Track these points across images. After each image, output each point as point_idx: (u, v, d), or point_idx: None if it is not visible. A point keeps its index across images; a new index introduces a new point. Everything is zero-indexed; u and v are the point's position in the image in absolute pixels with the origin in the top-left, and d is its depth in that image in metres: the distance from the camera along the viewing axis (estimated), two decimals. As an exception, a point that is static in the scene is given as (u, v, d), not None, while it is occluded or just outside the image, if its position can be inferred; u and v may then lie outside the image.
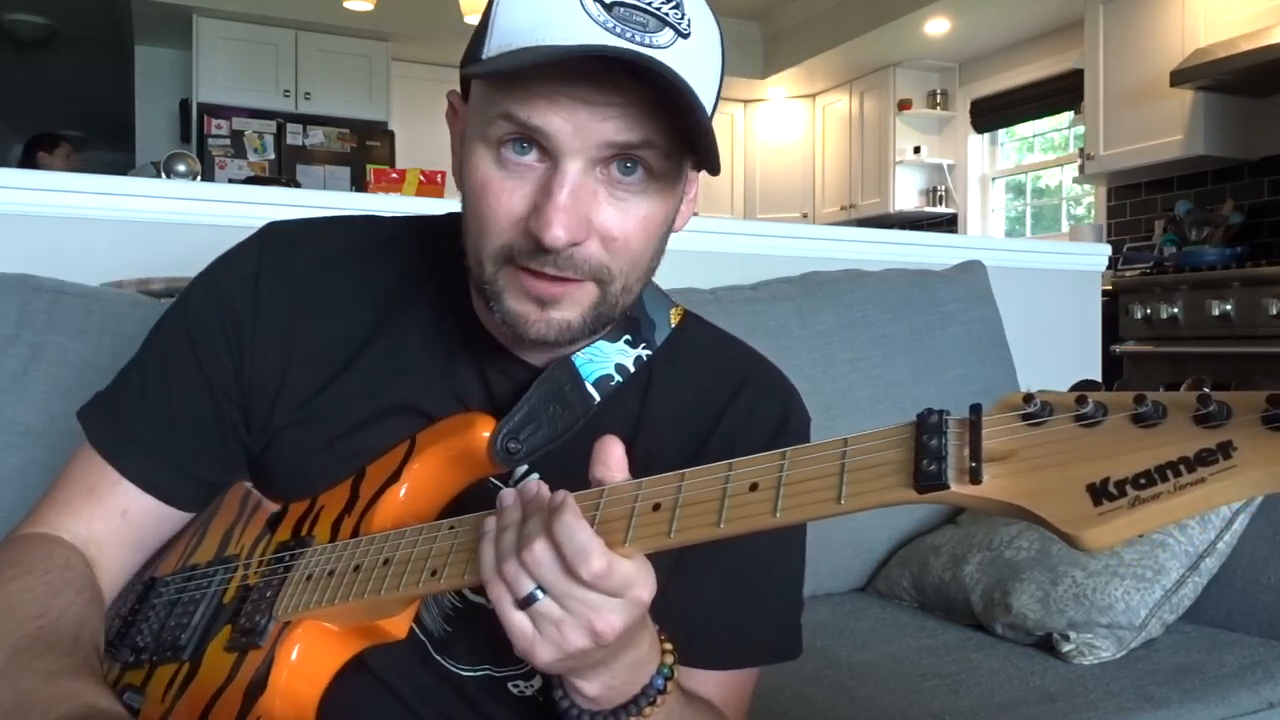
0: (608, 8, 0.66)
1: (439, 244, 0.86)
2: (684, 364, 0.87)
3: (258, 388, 0.83)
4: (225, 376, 0.83)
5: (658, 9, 0.67)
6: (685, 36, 0.68)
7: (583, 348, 0.82)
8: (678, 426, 0.84)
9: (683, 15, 0.69)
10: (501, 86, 0.68)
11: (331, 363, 0.83)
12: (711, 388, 0.87)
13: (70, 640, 0.72)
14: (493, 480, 0.81)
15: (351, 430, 0.82)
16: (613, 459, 0.65)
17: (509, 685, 0.83)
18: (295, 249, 0.85)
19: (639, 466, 0.66)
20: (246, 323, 0.82)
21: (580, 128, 0.67)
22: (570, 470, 0.71)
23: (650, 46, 0.66)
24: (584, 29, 0.65)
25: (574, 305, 0.73)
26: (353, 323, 0.84)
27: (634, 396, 0.85)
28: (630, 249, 0.72)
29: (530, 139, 0.69)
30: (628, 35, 0.66)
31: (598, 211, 0.70)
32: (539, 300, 0.72)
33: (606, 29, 0.65)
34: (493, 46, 0.69)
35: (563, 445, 0.80)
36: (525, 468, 0.82)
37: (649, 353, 0.85)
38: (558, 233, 0.67)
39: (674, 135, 0.69)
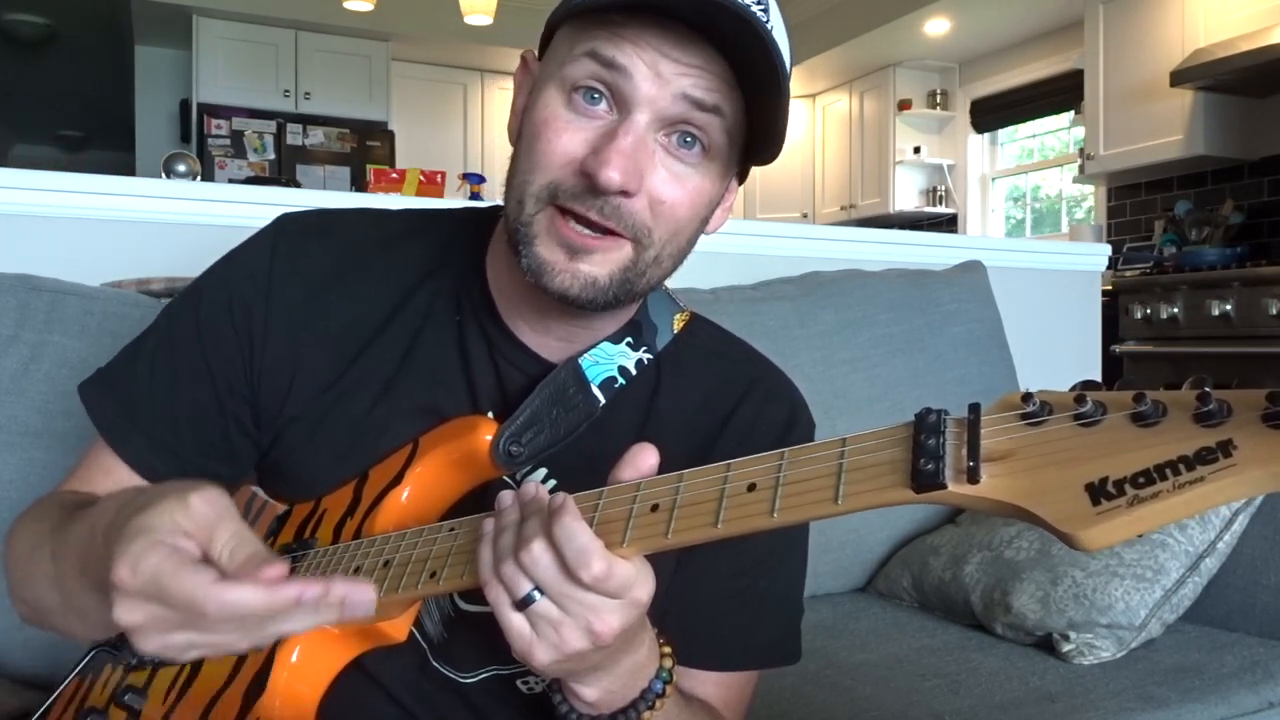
0: None
1: (455, 236, 0.86)
2: (691, 367, 0.87)
3: (268, 381, 0.83)
4: (233, 372, 0.83)
5: (746, 3, 0.69)
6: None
7: (590, 348, 0.82)
8: (684, 429, 0.84)
9: (768, 16, 0.71)
10: (592, 25, 0.70)
11: (343, 355, 0.83)
12: (718, 391, 0.87)
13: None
14: (506, 480, 0.81)
15: (362, 425, 0.82)
16: (642, 467, 0.64)
17: (518, 683, 0.83)
18: (309, 241, 0.85)
19: None
20: (258, 317, 0.82)
21: (660, 76, 0.69)
22: (578, 471, 0.70)
23: None
24: None
25: (605, 262, 0.73)
26: (365, 314, 0.83)
27: (641, 399, 0.85)
28: (676, 216, 0.74)
29: (605, 87, 0.70)
30: None
31: (652, 171, 0.71)
32: (570, 248, 0.72)
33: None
34: None
35: (569, 447, 0.79)
36: (540, 468, 0.82)
37: (650, 356, 0.85)
38: (613, 174, 0.68)
39: (738, 114, 0.72)
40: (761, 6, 0.71)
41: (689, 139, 0.72)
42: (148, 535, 0.59)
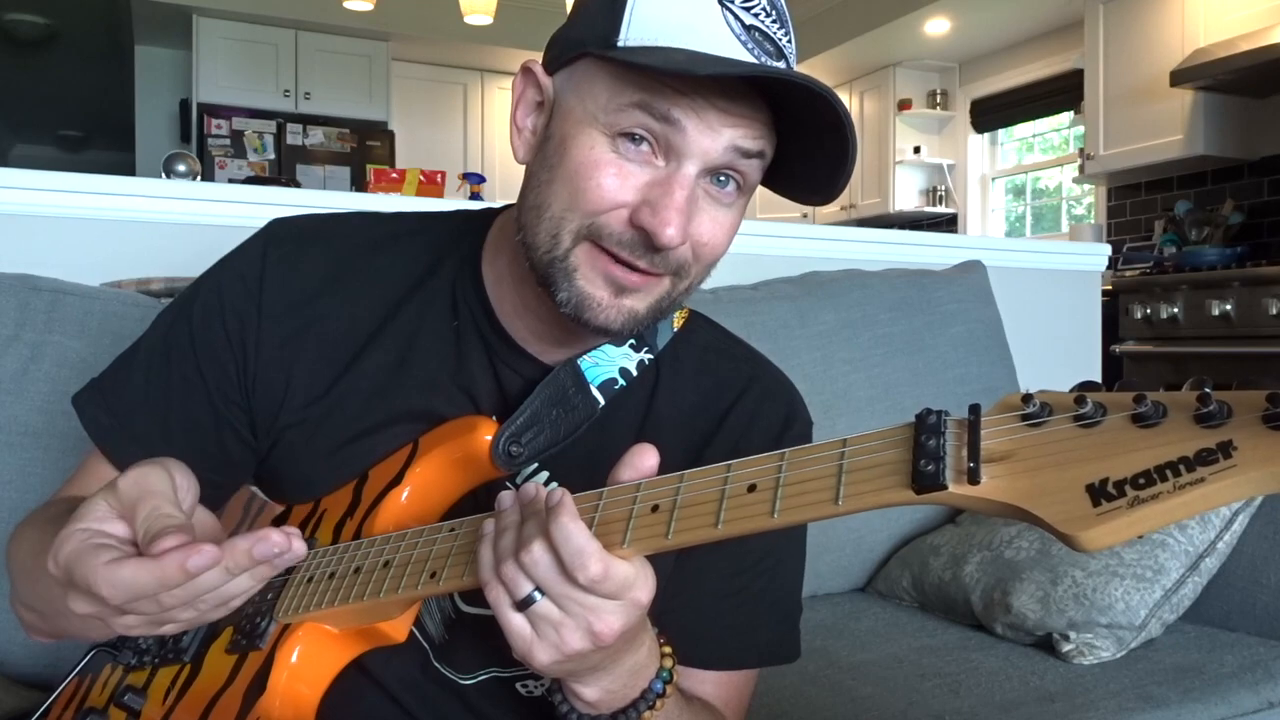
0: (747, 29, 0.70)
1: (450, 239, 0.86)
2: (689, 366, 0.87)
3: (263, 387, 0.82)
4: (226, 380, 0.82)
5: (780, 42, 0.72)
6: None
7: (590, 350, 0.82)
8: (682, 428, 0.85)
9: (793, 53, 0.73)
10: (642, 77, 0.69)
11: (338, 360, 0.82)
12: (715, 390, 0.87)
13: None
14: (509, 482, 0.81)
15: (360, 430, 0.81)
16: (642, 468, 0.64)
17: (517, 685, 0.83)
18: (300, 246, 0.85)
19: None
20: (250, 323, 0.82)
21: (712, 128, 0.70)
22: (578, 472, 0.70)
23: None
24: (727, 42, 0.69)
25: (646, 296, 0.74)
26: (360, 318, 0.83)
27: (640, 398, 0.85)
28: (713, 254, 0.76)
29: (653, 135, 0.70)
30: (760, 59, 0.70)
31: (696, 216, 0.72)
32: (617, 286, 0.73)
33: (746, 48, 0.69)
34: (632, 36, 0.70)
35: (569, 448, 0.79)
36: (542, 470, 0.82)
37: (650, 356, 0.85)
38: (672, 232, 0.69)
39: (773, 150, 0.74)
40: (785, 32, 0.72)
41: (724, 178, 0.73)
42: (71, 525, 0.61)
